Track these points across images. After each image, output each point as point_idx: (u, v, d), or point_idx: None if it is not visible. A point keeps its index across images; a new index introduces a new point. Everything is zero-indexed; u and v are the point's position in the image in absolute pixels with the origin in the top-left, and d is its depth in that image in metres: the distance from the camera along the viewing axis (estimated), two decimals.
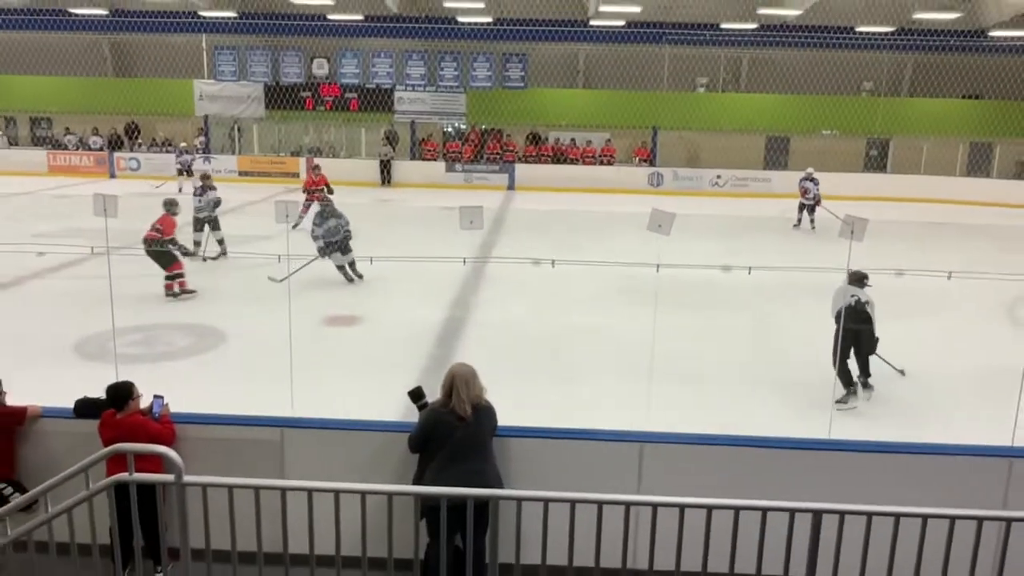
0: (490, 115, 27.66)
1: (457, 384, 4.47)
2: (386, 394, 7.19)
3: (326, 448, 5.07)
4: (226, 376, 8.13)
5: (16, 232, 13.36)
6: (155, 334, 9.38)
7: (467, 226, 5.19)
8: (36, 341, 8.90)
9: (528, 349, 9.22)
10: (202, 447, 4.88)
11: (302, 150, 28.74)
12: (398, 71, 27.35)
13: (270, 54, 27.39)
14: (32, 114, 29.94)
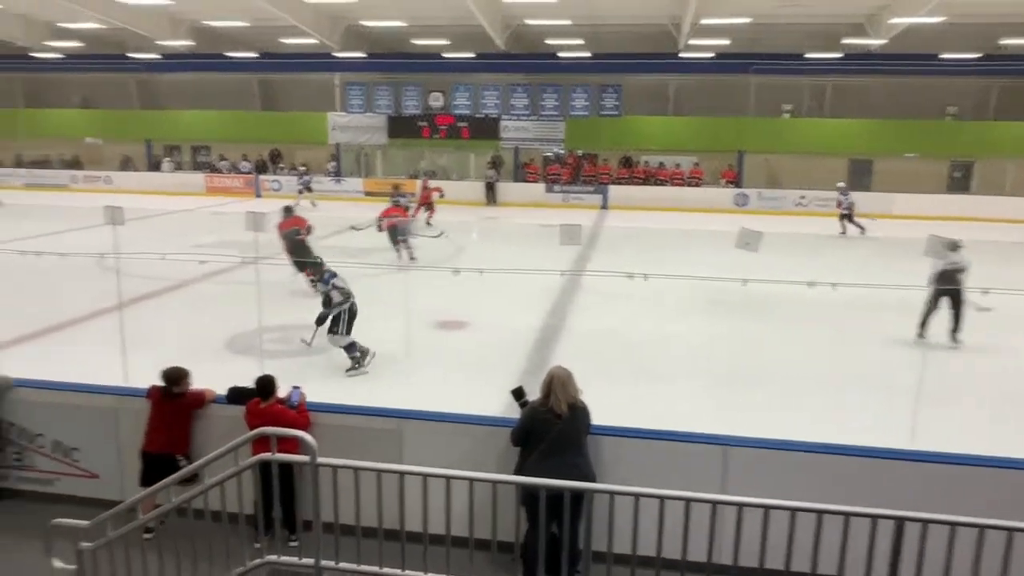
0: (586, 141, 27.67)
1: (555, 385, 4.51)
2: (490, 392, 7.28)
3: (438, 438, 5.17)
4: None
5: (180, 243, 14.23)
6: (290, 334, 9.77)
7: (567, 242, 5.20)
8: (197, 336, 9.45)
9: (620, 355, 9.14)
10: (332, 433, 5.06)
11: (419, 173, 29.47)
12: (504, 102, 27.70)
13: (393, 89, 28.26)
14: (194, 143, 31.83)
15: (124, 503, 4.19)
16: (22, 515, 5.54)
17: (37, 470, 5.79)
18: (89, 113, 32.19)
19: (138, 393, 5.65)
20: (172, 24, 25.88)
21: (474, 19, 22.33)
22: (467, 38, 24.79)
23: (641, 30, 24.26)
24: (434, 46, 25.71)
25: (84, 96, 32.55)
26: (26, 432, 5.74)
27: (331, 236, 18.19)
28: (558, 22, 22.74)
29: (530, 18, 22.93)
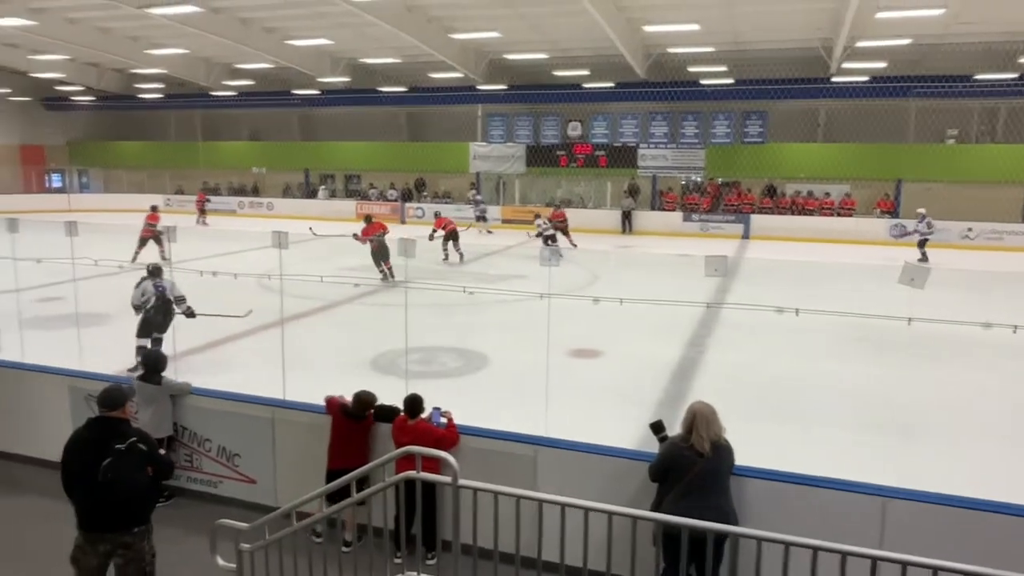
0: (728, 169, 26.88)
1: (698, 422, 4.35)
2: (625, 423, 7.16)
3: (573, 467, 5.13)
4: (488, 395, 8.53)
5: (331, 266, 15.14)
6: (432, 355, 10.10)
7: (712, 273, 5.04)
8: (344, 354, 9.98)
9: (762, 392, 8.71)
10: (468, 455, 5.14)
11: (555, 201, 29.77)
12: (643, 130, 27.50)
13: (532, 119, 28.85)
14: (347, 172, 33.97)
15: (281, 509, 4.44)
16: (189, 513, 6.03)
17: (203, 472, 6.29)
18: (256, 145, 35.23)
19: (294, 405, 6.04)
20: (332, 62, 27.84)
21: (615, 49, 22.42)
22: (607, 68, 24.90)
23: (789, 55, 23.35)
24: (574, 77, 26.03)
25: (252, 129, 35.66)
26: (196, 436, 6.27)
27: (469, 262, 18.73)
28: (701, 49, 22.38)
29: (672, 46, 22.72)
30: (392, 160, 32.02)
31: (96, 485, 4.04)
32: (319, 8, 20.68)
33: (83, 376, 6.81)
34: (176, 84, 32.20)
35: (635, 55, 23.46)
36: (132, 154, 37.34)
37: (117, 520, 4.18)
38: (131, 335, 8.90)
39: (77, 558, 4.23)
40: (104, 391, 4.33)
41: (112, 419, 4.23)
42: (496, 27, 21.89)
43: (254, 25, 24.02)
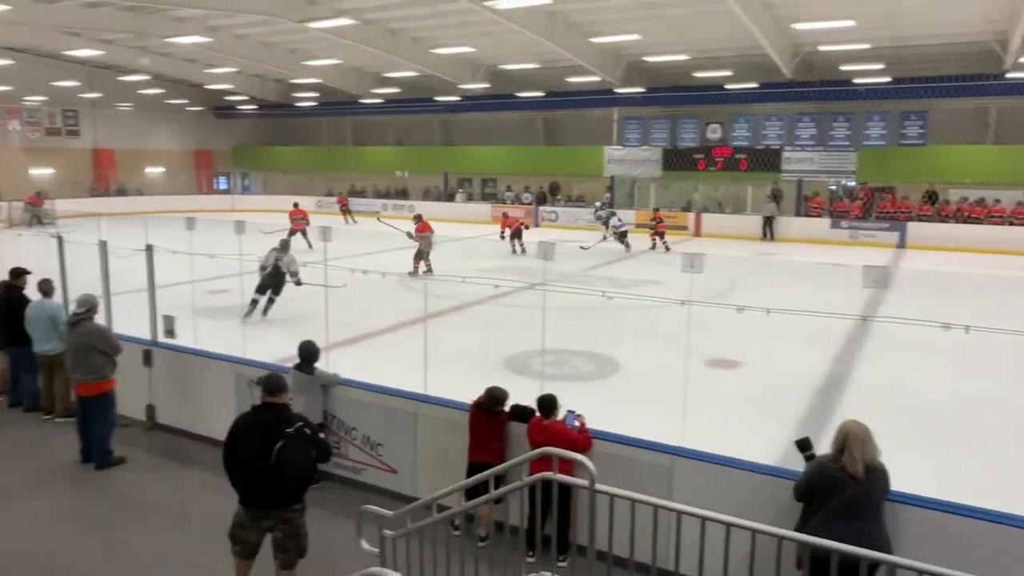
0: (882, 173, 25.01)
1: (851, 443, 4.07)
2: (765, 437, 6.86)
3: (710, 480, 4.97)
4: (620, 400, 8.41)
5: (468, 267, 15.55)
6: (564, 357, 10.12)
7: (870, 284, 4.73)
8: (480, 353, 10.20)
9: (919, 413, 8.07)
10: (600, 460, 5.09)
11: (690, 205, 29.02)
12: (788, 132, 26.21)
13: (670, 122, 28.24)
14: (483, 175, 34.77)
15: (421, 500, 4.61)
16: (335, 497, 6.38)
17: (349, 459, 6.64)
18: (400, 150, 36.83)
19: (435, 400, 6.25)
20: (473, 69, 28.62)
21: (760, 49, 21.55)
22: (751, 68, 23.97)
23: (955, 50, 21.45)
24: (716, 78, 25.25)
25: (397, 135, 37.30)
26: (344, 424, 6.63)
27: (601, 266, 18.63)
28: (856, 47, 21.02)
29: (824, 44, 21.51)
30: (527, 164, 32.42)
31: (267, 466, 4.33)
32: (464, 17, 21.32)
33: (247, 363, 7.38)
34: (329, 92, 34.30)
35: (782, 54, 22.44)
36: (288, 158, 40.16)
37: (283, 498, 4.50)
38: (289, 327, 9.57)
39: (236, 534, 4.56)
40: (270, 378, 4.65)
41: (277, 405, 4.56)
42: (636, 30, 21.64)
43: (403, 35, 25.13)
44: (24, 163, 33.10)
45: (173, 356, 7.78)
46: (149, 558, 5.44)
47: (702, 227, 27.19)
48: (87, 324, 7.05)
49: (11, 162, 32.54)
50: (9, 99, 31.87)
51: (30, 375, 8.35)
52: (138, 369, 7.79)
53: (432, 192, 35.37)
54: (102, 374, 7.01)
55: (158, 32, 23.87)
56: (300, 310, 11.48)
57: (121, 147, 36.59)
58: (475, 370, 8.47)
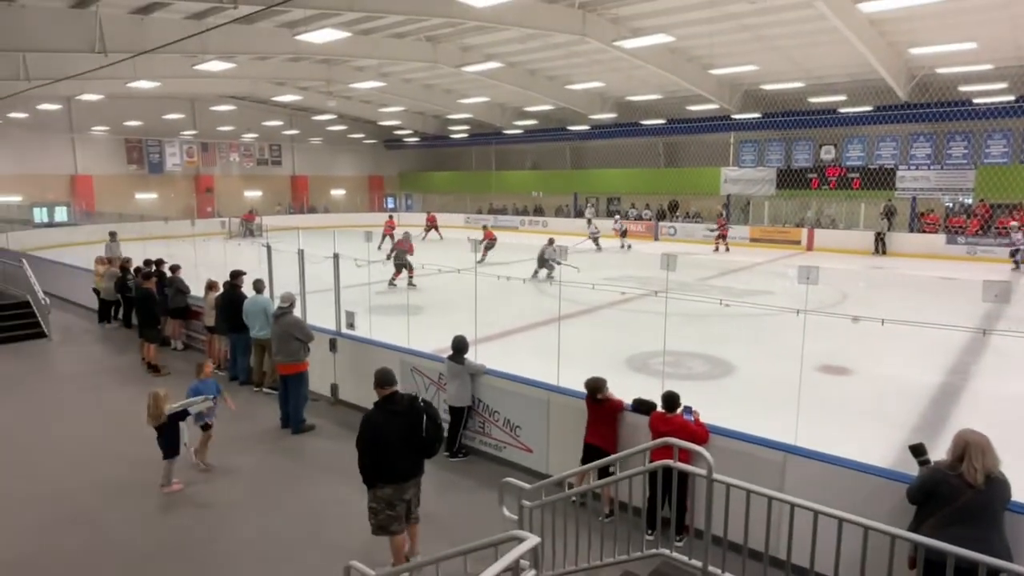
0: (1002, 190, 22.36)
1: (971, 451, 3.69)
2: (876, 442, 6.36)
3: (822, 478, 4.68)
4: (734, 398, 8.10)
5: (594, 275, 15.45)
6: (680, 359, 9.84)
7: (990, 299, 4.25)
8: (604, 352, 10.10)
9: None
10: (718, 453, 4.91)
11: (804, 221, 27.31)
12: (902, 152, 24.08)
13: (784, 144, 26.77)
14: (609, 195, 34.49)
15: (555, 476, 4.66)
16: (480, 469, 6.58)
17: (492, 437, 6.81)
18: (536, 174, 37.28)
19: (564, 391, 6.28)
20: (602, 101, 28.49)
21: (874, 73, 19.93)
22: (865, 92, 22.23)
23: None
24: (830, 102, 23.62)
25: (533, 160, 37.79)
26: (488, 408, 6.82)
27: (717, 277, 17.94)
28: (977, 68, 18.93)
29: (942, 66, 19.56)
30: (649, 184, 31.84)
31: (419, 441, 4.55)
32: (594, 56, 21.31)
33: (410, 352, 7.77)
34: (477, 125, 35.34)
35: (897, 78, 20.64)
36: (443, 181, 41.77)
37: (422, 463, 4.72)
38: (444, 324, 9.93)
39: (388, 517, 4.54)
40: (384, 372, 4.72)
41: (396, 392, 4.69)
42: (752, 61, 20.69)
43: (540, 74, 25.48)
44: (240, 187, 36.62)
45: (353, 344, 8.32)
46: (329, 503, 5.88)
47: (814, 242, 25.51)
48: (288, 316, 7.70)
49: (231, 186, 36.12)
50: (230, 136, 35.41)
51: (245, 356, 9.23)
52: (325, 354, 8.40)
53: (564, 210, 35.51)
54: (299, 357, 7.64)
55: (342, 79, 25.62)
56: (452, 309, 11.91)
57: (313, 173, 39.59)
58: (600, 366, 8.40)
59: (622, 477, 4.16)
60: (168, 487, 6.13)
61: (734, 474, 4.01)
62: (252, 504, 5.97)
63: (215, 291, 9.85)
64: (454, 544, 3.64)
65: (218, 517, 5.76)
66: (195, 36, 14.30)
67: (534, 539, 2.87)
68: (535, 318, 11.41)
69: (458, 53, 21.88)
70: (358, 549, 4.82)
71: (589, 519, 4.76)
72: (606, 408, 5.54)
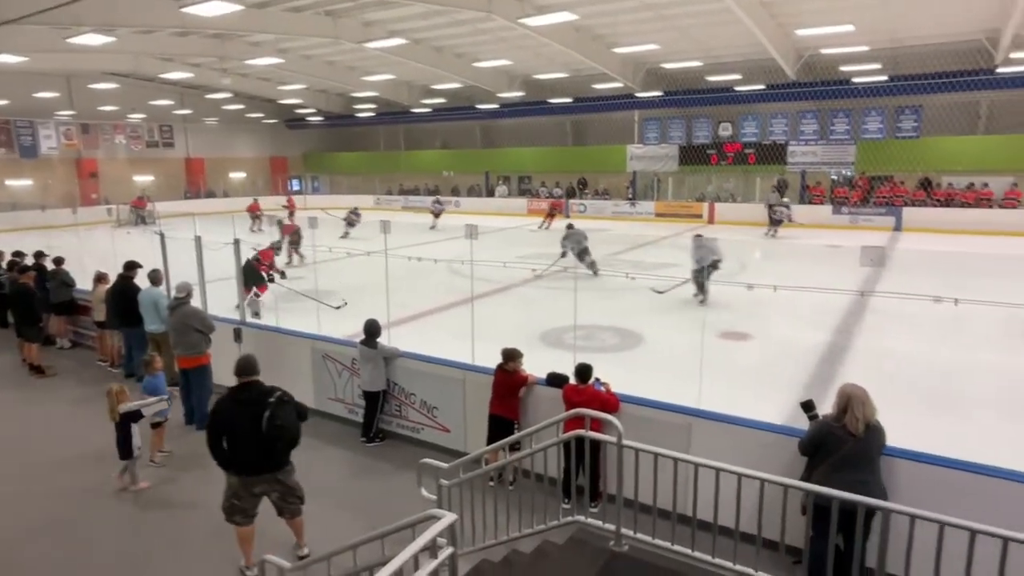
0: (880, 163, 24.24)
1: (853, 403, 4.04)
2: (772, 401, 6.79)
3: (725, 438, 4.97)
4: (644, 368, 8.42)
5: (509, 254, 15.56)
6: (592, 332, 10.11)
7: (867, 263, 4.63)
8: (519, 329, 10.20)
9: (914, 380, 7.88)
10: (627, 421, 5.10)
11: (704, 196, 28.56)
12: (792, 128, 25.62)
13: (685, 122, 27.78)
14: (519, 173, 34.67)
15: (472, 454, 4.70)
16: (398, 453, 6.54)
17: (409, 420, 6.78)
18: (446, 153, 36.89)
19: (479, 370, 6.33)
20: (509, 79, 28.46)
21: (766, 53, 20.99)
22: (758, 71, 23.38)
23: (948, 48, 20.59)
24: (726, 81, 24.70)
25: (443, 140, 37.36)
26: (404, 391, 6.77)
27: (626, 251, 18.50)
28: (855, 49, 20.33)
29: (825, 47, 20.86)
30: (558, 162, 32.24)
31: (260, 436, 4.28)
32: (501, 34, 21.21)
33: (320, 339, 7.57)
34: (384, 104, 34.48)
35: (786, 58, 21.82)
36: (350, 163, 40.57)
37: (275, 461, 4.45)
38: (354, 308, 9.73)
39: (232, 505, 4.48)
40: (244, 360, 4.56)
41: (254, 382, 4.50)
42: (654, 40, 21.27)
43: (447, 52, 25.09)
44: (128, 171, 34.09)
45: (259, 333, 8.01)
46: None
47: (715, 215, 26.76)
48: (185, 307, 7.30)
49: (118, 171, 33.55)
50: (115, 117, 32.82)
51: (141, 351, 8.68)
52: (230, 345, 8.02)
53: (475, 189, 35.42)
54: (199, 349, 7.27)
55: (237, 55, 24.25)
56: (363, 293, 11.66)
57: (209, 155, 37.41)
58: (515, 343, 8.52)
59: (538, 449, 4.25)
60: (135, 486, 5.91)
61: (644, 439, 4.16)
62: (162, 503, 5.68)
63: (105, 284, 9.19)
64: (374, 529, 3.61)
65: (129, 518, 5.46)
66: (66, 6, 13.07)
67: (450, 516, 2.89)
68: (449, 299, 11.36)
69: (360, 28, 21.17)
70: (273, 543, 4.70)
71: (507, 493, 4.85)
72: (513, 379, 5.65)
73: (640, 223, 25.76)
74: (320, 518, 5.02)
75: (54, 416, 7.78)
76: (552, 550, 4.06)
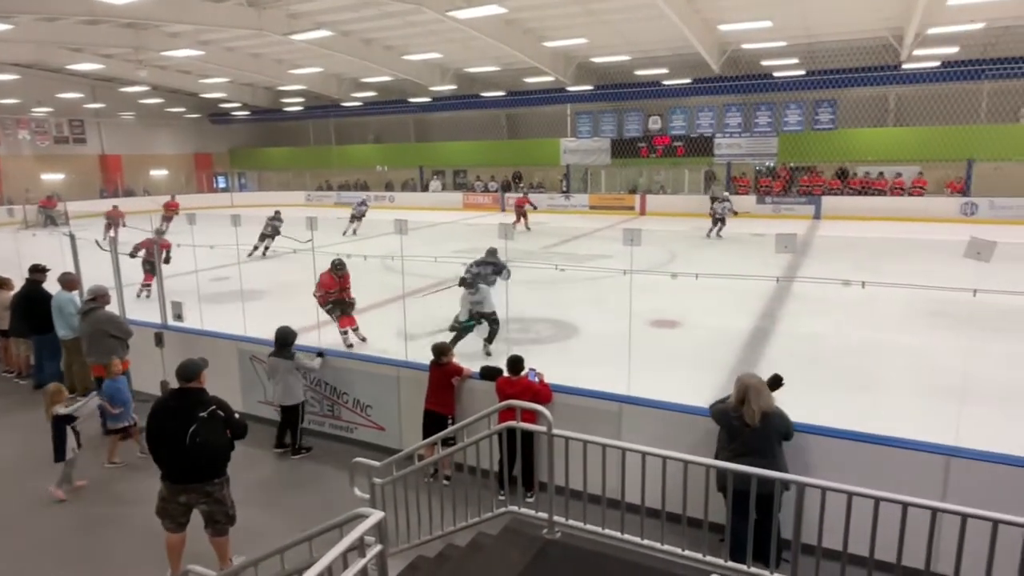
0: (799, 154, 25.44)
1: (750, 394, 4.21)
2: (701, 385, 7.03)
3: (654, 422, 5.12)
4: (578, 358, 8.54)
5: (444, 248, 15.49)
6: (528, 324, 10.19)
7: (782, 250, 4.84)
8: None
9: (831, 361, 8.31)
10: (561, 410, 5.22)
11: (636, 188, 29.18)
12: (718, 121, 26.51)
13: (616, 116, 28.29)
14: (454, 167, 34.50)
15: (404, 451, 4.67)
16: (331, 453, 6.42)
17: (342, 419, 6.67)
18: (379, 147, 36.30)
19: (413, 366, 6.29)
20: (441, 73, 28.22)
21: (692, 48, 21.59)
22: (684, 65, 24.04)
23: (859, 44, 21.76)
24: (654, 75, 25.29)
25: (376, 133, 36.74)
26: (336, 390, 6.65)
27: (560, 244, 18.72)
28: (773, 44, 21.19)
29: (746, 43, 21.63)
30: (493, 156, 32.25)
31: (184, 447, 4.18)
32: (430, 26, 20.99)
33: (248, 340, 7.34)
34: (313, 97, 33.59)
35: (711, 53, 22.51)
36: (279, 158, 39.37)
37: (200, 474, 4.31)
38: (284, 311, 9.46)
39: (162, 508, 4.40)
40: (181, 366, 4.42)
41: (191, 389, 4.34)
42: (583, 34, 21.53)
43: (376, 44, 24.66)
44: (36, 169, 32.01)
45: (182, 337, 7.70)
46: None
47: (646, 207, 27.40)
48: (98, 312, 6.93)
49: (23, 168, 31.45)
50: (18, 111, 30.73)
51: (54, 360, 8.21)
52: (151, 349, 7.69)
53: (410, 184, 35.03)
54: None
55: (154, 46, 23.10)
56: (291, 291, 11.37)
57: (126, 152, 35.55)
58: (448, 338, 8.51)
59: (470, 443, 4.27)
60: (71, 485, 5.79)
61: (577, 427, 4.20)
62: (81, 515, 5.40)
63: (8, 289, 8.62)
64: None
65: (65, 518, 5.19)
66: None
67: (378, 514, 2.86)
68: (382, 295, 11.22)
69: (285, 20, 20.53)
70: (201, 552, 4.54)
71: (441, 488, 4.85)
72: (446, 370, 5.65)
73: (575, 216, 26.10)
74: (250, 525, 4.88)
75: None
76: (486, 541, 4.09)
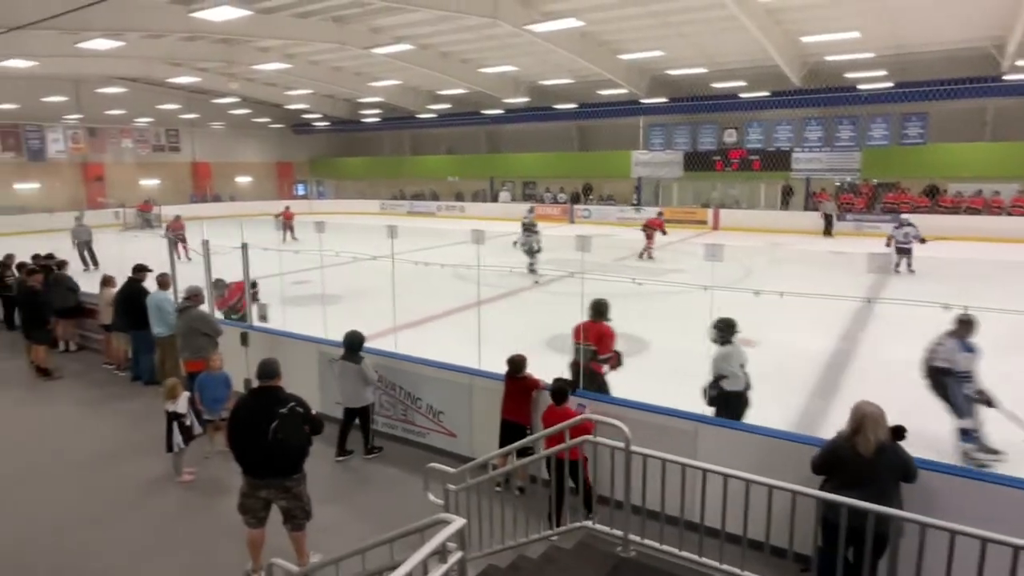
0: (885, 170, 24.27)
1: (867, 423, 3.83)
2: (779, 407, 6.77)
3: (731, 444, 4.95)
4: (650, 375, 8.38)
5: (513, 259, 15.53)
6: None
7: (874, 270, 4.61)
8: (526, 334, 10.20)
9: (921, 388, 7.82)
10: (634, 427, 5.09)
11: (709, 202, 28.54)
12: (797, 135, 25.63)
13: (690, 128, 27.81)
14: (524, 179, 34.71)
15: (479, 459, 4.70)
16: (405, 457, 6.53)
17: (415, 424, 6.78)
18: (452, 158, 36.98)
19: (486, 375, 6.32)
20: (515, 85, 28.54)
21: (771, 60, 21.01)
22: (763, 78, 23.40)
23: (954, 55, 20.59)
24: (731, 88, 24.72)
25: (449, 145, 37.46)
26: (410, 395, 6.77)
27: (630, 257, 18.48)
28: (860, 56, 20.34)
29: (830, 54, 20.87)
30: (563, 168, 32.28)
31: (266, 442, 4.31)
32: (507, 40, 21.27)
33: (327, 343, 7.57)
34: (390, 109, 34.60)
35: (791, 65, 21.84)
36: (356, 167, 40.71)
37: (279, 470, 4.44)
38: (361, 312, 9.72)
39: (243, 503, 4.53)
40: (261, 364, 4.57)
41: (271, 388, 4.49)
42: (659, 47, 21.31)
43: (453, 57, 25.19)
44: (135, 175, 34.28)
45: (266, 337, 8.02)
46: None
47: (720, 221, 26.75)
48: (192, 311, 7.32)
49: (125, 174, 33.75)
50: (122, 121, 33.03)
51: (148, 355, 8.71)
52: (237, 349, 8.04)
53: (481, 194, 35.47)
54: (205, 353, 7.28)
55: (244, 60, 24.39)
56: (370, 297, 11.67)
57: (215, 160, 37.60)
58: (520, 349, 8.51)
59: (542, 456, 4.26)
60: (179, 478, 6.16)
61: (650, 445, 4.14)
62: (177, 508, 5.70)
63: (112, 287, 9.23)
64: (381, 533, 3.61)
65: (161, 518, 5.54)
66: (76, 11, 13.16)
67: (460, 521, 2.88)
68: (455, 303, 11.36)
69: (367, 34, 21.28)
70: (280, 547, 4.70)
71: (514, 498, 4.84)
72: (524, 384, 5.63)
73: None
74: (324, 521, 5.01)
75: (62, 417, 7.80)
76: (559, 555, 4.05)
